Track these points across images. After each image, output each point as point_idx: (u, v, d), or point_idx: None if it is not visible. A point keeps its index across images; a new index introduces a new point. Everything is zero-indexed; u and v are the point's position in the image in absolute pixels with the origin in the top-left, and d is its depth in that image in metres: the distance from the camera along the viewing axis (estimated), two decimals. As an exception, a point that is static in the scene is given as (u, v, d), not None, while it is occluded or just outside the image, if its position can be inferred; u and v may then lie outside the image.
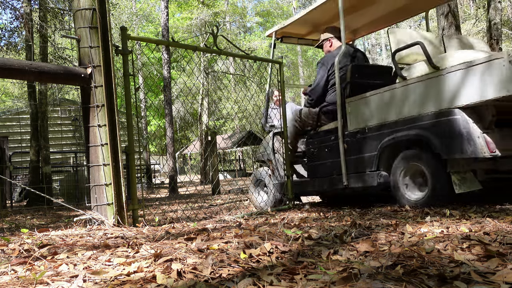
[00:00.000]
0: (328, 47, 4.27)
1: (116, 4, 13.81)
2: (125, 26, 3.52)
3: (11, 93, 22.53)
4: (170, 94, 12.41)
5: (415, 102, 3.21)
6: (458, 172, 3.00)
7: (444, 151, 2.97)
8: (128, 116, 3.12)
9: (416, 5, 4.29)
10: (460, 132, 2.89)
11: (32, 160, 8.02)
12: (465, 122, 2.88)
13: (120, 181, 2.88)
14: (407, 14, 4.52)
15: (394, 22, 4.77)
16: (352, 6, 4.18)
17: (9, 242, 2.21)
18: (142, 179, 14.06)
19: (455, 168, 3.01)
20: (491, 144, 2.83)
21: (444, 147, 2.97)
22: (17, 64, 2.72)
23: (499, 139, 2.90)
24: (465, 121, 2.88)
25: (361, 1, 4.14)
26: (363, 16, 4.50)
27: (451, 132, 2.94)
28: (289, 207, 4.13)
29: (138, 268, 1.52)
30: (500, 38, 6.50)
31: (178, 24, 22.98)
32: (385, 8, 4.33)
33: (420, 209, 3.10)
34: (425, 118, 3.13)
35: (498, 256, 1.50)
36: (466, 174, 3.01)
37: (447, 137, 2.96)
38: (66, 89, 14.72)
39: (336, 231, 2.22)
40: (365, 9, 4.32)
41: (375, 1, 4.12)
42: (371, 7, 4.27)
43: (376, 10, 4.36)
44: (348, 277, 1.31)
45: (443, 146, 2.97)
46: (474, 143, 2.82)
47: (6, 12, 10.54)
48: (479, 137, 2.83)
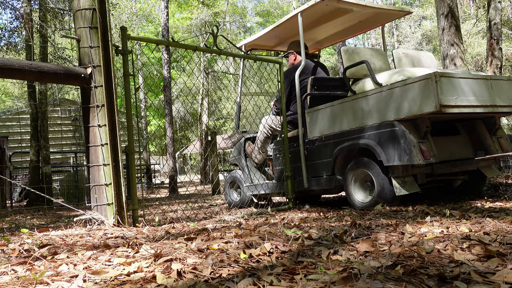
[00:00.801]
0: (292, 60, 4.65)
1: (116, 4, 13.81)
2: (125, 26, 3.52)
3: (11, 93, 22.53)
4: (170, 94, 12.41)
5: (362, 114, 3.57)
6: (399, 177, 3.33)
7: (385, 159, 3.31)
8: (128, 116, 3.12)
9: (372, 21, 4.79)
10: (398, 142, 3.24)
11: (32, 160, 8.02)
12: (402, 133, 3.23)
13: (120, 181, 2.88)
14: (366, 28, 4.99)
15: (355, 35, 5.26)
16: (312, 22, 4.64)
17: (9, 242, 2.21)
18: (142, 179, 14.06)
19: (396, 173, 3.35)
20: (425, 152, 3.18)
21: (385, 155, 3.32)
22: (17, 64, 2.72)
23: (434, 147, 3.29)
24: (402, 132, 3.23)
25: (319, 19, 4.59)
26: (325, 30, 4.95)
27: (391, 142, 3.29)
28: (289, 207, 4.13)
29: (138, 268, 1.52)
30: (500, 38, 6.50)
31: (178, 24, 22.97)
32: (343, 24, 4.81)
33: (420, 209, 3.11)
34: (370, 129, 3.49)
35: (498, 256, 1.50)
36: (406, 179, 3.34)
37: (388, 146, 3.32)
38: (66, 89, 14.73)
39: (336, 231, 2.22)
40: (325, 24, 4.76)
41: (331, 18, 4.59)
42: (330, 23, 4.73)
43: (335, 25, 4.85)
44: (348, 277, 1.31)
45: (384, 154, 3.33)
46: (410, 151, 3.16)
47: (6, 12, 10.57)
48: (415, 146, 3.18)
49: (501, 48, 6.51)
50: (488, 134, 3.72)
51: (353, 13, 4.49)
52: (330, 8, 4.28)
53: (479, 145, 3.72)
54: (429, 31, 20.66)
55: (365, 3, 4.34)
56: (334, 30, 5.00)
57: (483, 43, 14.71)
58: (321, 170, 3.94)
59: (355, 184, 3.69)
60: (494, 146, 3.69)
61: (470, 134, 3.77)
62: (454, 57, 6.07)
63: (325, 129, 3.91)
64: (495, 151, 3.67)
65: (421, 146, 3.20)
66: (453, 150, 3.58)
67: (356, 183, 3.69)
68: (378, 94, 3.44)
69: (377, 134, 3.40)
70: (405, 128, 3.24)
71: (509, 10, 15.05)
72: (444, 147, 3.50)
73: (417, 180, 3.45)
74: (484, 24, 13.23)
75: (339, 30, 5.00)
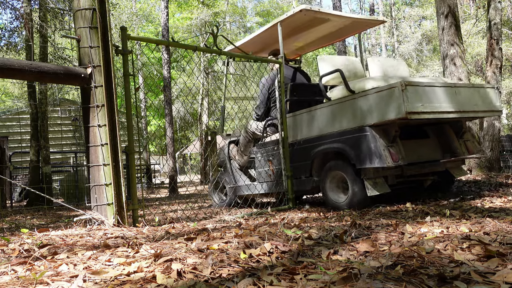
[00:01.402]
0: (271, 67, 4.85)
1: (116, 4, 13.81)
2: (125, 26, 3.52)
3: (11, 93, 22.52)
4: (170, 94, 12.40)
5: (336, 119, 3.79)
6: (371, 179, 3.53)
7: (358, 162, 3.52)
8: (128, 116, 3.12)
9: (348, 29, 5.06)
10: (369, 146, 3.43)
11: (32, 160, 8.02)
12: (373, 138, 3.43)
13: (120, 181, 2.87)
14: (343, 35, 5.30)
15: (334, 42, 5.57)
16: (292, 31, 4.83)
17: (9, 242, 2.21)
18: (142, 179, 14.06)
19: (368, 175, 3.54)
20: (394, 155, 3.39)
21: (357, 158, 3.52)
22: (17, 64, 2.72)
23: (402, 150, 3.49)
24: (373, 136, 3.43)
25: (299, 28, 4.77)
26: (304, 37, 5.17)
27: (363, 146, 3.49)
28: (289, 207, 4.13)
29: (138, 268, 1.52)
30: (500, 38, 6.49)
31: (178, 24, 22.95)
32: (322, 32, 5.03)
33: (420, 209, 3.11)
34: (344, 134, 3.70)
35: (498, 256, 1.50)
36: (377, 180, 3.55)
37: (360, 150, 3.52)
38: (66, 89, 14.72)
39: (336, 231, 2.22)
40: (304, 32, 4.97)
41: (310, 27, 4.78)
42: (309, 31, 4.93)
43: (314, 33, 5.06)
44: (348, 277, 1.31)
45: (357, 157, 3.53)
46: (380, 155, 3.35)
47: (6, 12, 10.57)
48: (385, 150, 3.38)
49: (501, 48, 6.50)
50: (456, 137, 3.94)
51: (330, 22, 4.72)
52: (308, 17, 4.46)
53: (447, 147, 3.92)
54: (429, 31, 20.66)
55: (341, 13, 4.59)
56: (313, 38, 5.23)
57: (483, 43, 14.70)
58: (300, 172, 4.14)
59: (331, 185, 3.90)
60: (461, 148, 3.90)
61: (438, 137, 3.97)
62: (454, 57, 6.07)
63: (303, 133, 4.10)
64: (462, 153, 3.89)
65: (391, 149, 3.40)
66: (422, 153, 3.79)
67: (332, 184, 3.89)
68: (351, 101, 3.65)
69: (350, 139, 3.61)
70: (376, 133, 3.44)
71: (509, 10, 15.04)
72: (413, 150, 3.70)
73: (388, 181, 3.65)
74: (484, 24, 13.23)
75: (318, 38, 5.24)
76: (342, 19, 4.67)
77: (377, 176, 3.55)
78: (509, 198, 3.51)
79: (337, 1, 12.46)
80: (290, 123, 4.25)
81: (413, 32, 22.54)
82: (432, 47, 22.32)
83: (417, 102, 3.25)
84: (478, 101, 3.73)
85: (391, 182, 3.70)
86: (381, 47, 25.59)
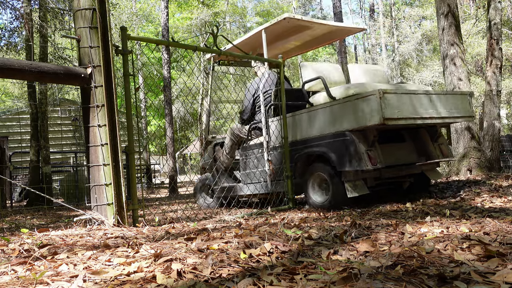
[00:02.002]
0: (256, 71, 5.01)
1: (116, 4, 13.80)
2: (125, 26, 3.52)
3: (11, 93, 22.51)
4: (170, 94, 12.40)
5: (318, 124, 3.94)
6: (350, 181, 3.71)
7: (338, 165, 3.70)
8: (128, 116, 3.12)
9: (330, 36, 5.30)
10: (349, 150, 3.61)
11: (32, 160, 8.01)
12: (353, 142, 3.60)
13: (120, 181, 2.87)
14: (326, 41, 5.52)
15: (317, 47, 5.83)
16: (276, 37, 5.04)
17: (9, 242, 2.21)
18: (142, 179, 14.06)
19: (348, 177, 3.72)
20: (373, 159, 3.56)
21: (338, 162, 3.70)
22: (17, 64, 2.72)
23: (380, 154, 3.68)
24: (353, 141, 3.60)
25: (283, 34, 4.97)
26: (288, 43, 5.40)
27: (343, 150, 3.67)
28: (289, 207, 4.13)
29: (138, 268, 1.52)
30: (500, 38, 6.49)
31: (178, 24, 22.94)
32: (305, 38, 5.24)
33: (420, 209, 3.11)
34: (325, 138, 3.86)
35: (498, 256, 1.49)
36: (356, 182, 3.71)
37: (340, 153, 3.70)
38: (66, 89, 14.72)
39: (336, 231, 2.22)
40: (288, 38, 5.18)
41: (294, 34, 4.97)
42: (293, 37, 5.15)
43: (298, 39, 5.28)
44: (348, 277, 1.31)
45: (337, 160, 3.71)
46: (359, 158, 3.54)
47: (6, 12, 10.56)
48: (364, 153, 3.55)
49: (501, 48, 6.50)
50: (431, 141, 4.14)
51: (312, 29, 4.94)
52: (292, 25, 4.67)
53: (423, 151, 4.13)
54: (429, 31, 20.65)
55: (322, 21, 4.84)
56: (297, 43, 5.45)
57: (483, 43, 14.70)
58: (283, 174, 4.27)
59: (313, 186, 4.07)
60: (435, 152, 4.10)
61: (414, 141, 4.17)
62: (454, 57, 6.06)
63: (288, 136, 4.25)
64: (437, 156, 4.08)
65: (369, 153, 3.58)
66: (399, 156, 3.99)
67: (313, 186, 4.07)
68: (332, 106, 3.84)
69: (332, 143, 3.79)
70: (355, 137, 3.61)
71: (509, 10, 15.04)
72: (391, 154, 3.90)
73: (367, 183, 3.80)
74: (484, 24, 13.22)
75: (301, 43, 5.45)
76: (323, 27, 4.92)
77: (357, 178, 3.71)
78: (509, 198, 3.51)
79: (337, 1, 12.45)
80: (273, 127, 4.41)
81: (413, 32, 22.54)
82: (432, 47, 22.31)
83: (393, 108, 3.44)
84: (451, 107, 3.93)
85: (370, 184, 3.85)
86: (381, 47, 25.58)
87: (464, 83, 6.02)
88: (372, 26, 26.41)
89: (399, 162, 3.94)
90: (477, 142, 5.93)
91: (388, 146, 3.90)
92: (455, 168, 5.87)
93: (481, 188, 4.36)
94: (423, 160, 4.07)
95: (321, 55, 32.45)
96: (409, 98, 3.61)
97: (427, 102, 3.73)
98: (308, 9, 33.59)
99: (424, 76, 19.30)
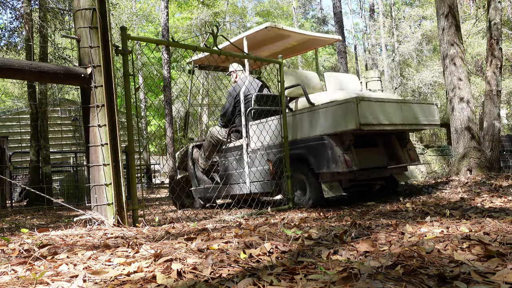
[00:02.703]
0: (234, 78, 5.12)
1: (116, 4, 13.79)
2: (125, 26, 3.52)
3: (11, 93, 22.50)
4: (170, 94, 12.39)
5: (298, 128, 4.16)
6: (327, 182, 3.92)
7: (316, 167, 3.93)
8: (128, 116, 3.12)
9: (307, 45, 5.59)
10: (327, 153, 3.83)
11: (32, 160, 8.01)
12: (330, 146, 3.83)
13: (120, 181, 2.87)
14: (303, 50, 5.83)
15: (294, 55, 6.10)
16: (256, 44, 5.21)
17: (9, 242, 2.21)
18: (142, 179, 14.05)
19: (325, 179, 3.93)
20: (348, 162, 3.80)
21: (316, 164, 3.92)
22: (17, 64, 2.72)
23: (355, 157, 3.92)
24: (330, 145, 3.83)
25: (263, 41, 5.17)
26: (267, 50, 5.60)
27: (321, 153, 3.88)
28: (289, 207, 4.13)
29: (138, 268, 1.52)
30: (500, 38, 6.48)
31: (178, 24, 22.93)
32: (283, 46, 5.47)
33: (420, 209, 3.11)
34: (304, 141, 4.09)
35: (498, 256, 1.50)
36: (333, 184, 3.93)
37: (318, 156, 3.91)
38: (66, 89, 14.71)
39: (336, 231, 2.22)
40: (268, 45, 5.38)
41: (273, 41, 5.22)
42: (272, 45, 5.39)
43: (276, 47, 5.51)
44: (348, 277, 1.31)
45: (316, 163, 3.93)
46: (336, 161, 3.76)
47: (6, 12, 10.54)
48: (340, 157, 3.79)
49: (501, 48, 6.49)
50: (400, 147, 4.42)
51: (291, 38, 5.22)
52: (272, 33, 4.91)
53: (393, 155, 4.41)
54: (429, 31, 20.64)
55: (300, 31, 5.18)
56: (275, 51, 5.64)
57: (483, 43, 14.69)
58: (263, 176, 4.46)
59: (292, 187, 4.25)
60: (404, 156, 4.40)
61: (386, 146, 4.44)
62: (454, 57, 6.06)
63: (266, 140, 4.40)
64: (405, 161, 4.39)
65: (345, 156, 3.81)
66: (372, 160, 4.25)
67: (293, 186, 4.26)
68: (311, 112, 4.06)
69: (310, 146, 4.00)
70: (333, 141, 3.84)
71: (509, 10, 15.04)
72: (365, 157, 4.13)
73: (342, 185, 4.02)
74: (484, 24, 13.21)
75: (280, 51, 5.65)
76: (301, 36, 5.21)
77: (333, 180, 3.93)
78: (509, 198, 3.51)
79: (337, 1, 12.45)
80: (254, 130, 4.56)
81: (413, 32, 22.53)
82: (432, 47, 22.30)
83: (369, 115, 3.70)
84: (420, 115, 4.25)
85: (345, 186, 4.07)
86: (381, 47, 25.56)
87: (464, 83, 6.02)
88: (372, 26, 26.40)
89: (372, 166, 4.19)
90: (477, 142, 5.93)
91: (362, 150, 4.15)
92: (455, 168, 5.86)
93: (481, 188, 4.36)
94: (393, 164, 4.34)
95: (321, 55, 32.44)
96: (383, 105, 3.89)
97: (398, 110, 4.03)
98: (308, 9, 33.60)
99: (424, 76, 19.28)
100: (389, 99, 4.05)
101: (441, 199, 3.86)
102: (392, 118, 3.93)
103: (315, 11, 33.51)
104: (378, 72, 5.89)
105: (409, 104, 4.20)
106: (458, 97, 5.98)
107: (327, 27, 30.95)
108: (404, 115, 4.07)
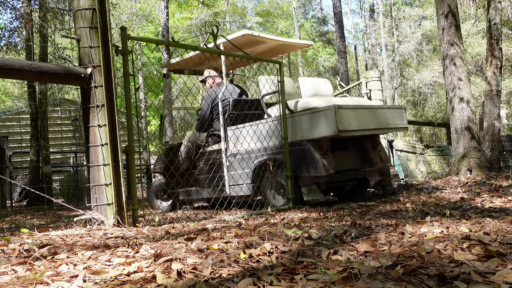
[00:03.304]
0: (210, 83, 5.22)
1: (116, 4, 13.79)
2: (125, 26, 3.52)
3: (11, 93, 22.49)
4: (170, 94, 12.37)
5: (278, 134, 4.27)
6: (306, 185, 4.07)
7: (296, 170, 4.10)
8: (128, 116, 3.12)
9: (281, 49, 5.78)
10: (306, 158, 4.02)
11: (32, 160, 8.01)
12: (310, 151, 4.01)
13: (120, 181, 2.87)
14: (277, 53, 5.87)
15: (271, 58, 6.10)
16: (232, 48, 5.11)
17: (9, 242, 2.21)
18: (142, 179, 14.04)
19: (304, 182, 4.09)
20: (326, 166, 3.96)
21: (296, 168, 4.10)
22: (17, 64, 2.72)
23: (332, 161, 4.09)
24: (310, 149, 4.01)
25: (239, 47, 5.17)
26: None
27: (301, 157, 4.06)
28: (289, 207, 4.13)
29: (138, 268, 1.52)
30: (500, 38, 6.48)
31: (178, 24, 22.93)
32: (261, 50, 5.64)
33: (420, 209, 3.11)
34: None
35: (498, 256, 1.50)
36: (311, 187, 4.06)
37: (298, 160, 4.08)
38: (66, 89, 14.70)
39: (336, 231, 2.22)
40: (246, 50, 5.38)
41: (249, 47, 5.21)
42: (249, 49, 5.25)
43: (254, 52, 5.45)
44: (348, 277, 1.31)
45: (296, 167, 4.10)
46: (315, 165, 3.96)
47: (6, 12, 10.52)
48: (319, 161, 3.95)
49: (501, 48, 6.49)
50: (371, 149, 4.62)
51: (266, 44, 5.44)
52: (248, 39, 5.08)
53: (365, 158, 4.59)
54: (429, 31, 20.63)
55: (274, 37, 5.48)
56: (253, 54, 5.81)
57: (483, 43, 14.68)
58: (242, 179, 4.56)
59: (271, 190, 4.39)
60: (376, 158, 4.60)
61: (358, 149, 4.62)
62: (454, 57, 6.06)
63: (246, 144, 4.48)
64: (377, 162, 4.58)
65: (323, 160, 3.97)
66: (346, 162, 4.43)
67: (272, 189, 4.39)
68: (290, 118, 4.23)
69: (291, 151, 4.15)
70: (312, 146, 4.01)
71: (509, 10, 15.03)
72: (339, 160, 4.30)
73: (320, 188, 4.15)
74: (484, 24, 13.21)
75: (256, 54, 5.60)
76: (275, 42, 5.48)
77: (312, 183, 4.06)
78: (509, 198, 3.51)
79: (337, 1, 12.45)
80: (231, 135, 4.66)
81: (413, 32, 22.52)
82: (432, 47, 22.29)
83: (346, 122, 3.89)
84: (390, 119, 4.47)
85: (323, 188, 4.21)
86: (381, 47, 25.57)
87: (464, 83, 6.01)
88: (372, 26, 26.39)
89: (346, 168, 4.39)
90: (477, 142, 5.93)
91: (337, 154, 4.32)
92: (455, 168, 5.86)
93: (481, 188, 4.36)
94: (367, 166, 4.52)
95: (321, 55, 32.45)
96: (358, 112, 4.10)
97: (371, 115, 4.26)
98: (308, 9, 33.59)
99: (424, 76, 19.27)
100: (363, 106, 4.29)
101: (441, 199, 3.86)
102: (366, 124, 4.15)
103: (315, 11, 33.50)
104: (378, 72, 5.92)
105: (380, 109, 4.45)
106: (458, 97, 5.98)
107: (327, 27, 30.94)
108: (377, 120, 4.30)
